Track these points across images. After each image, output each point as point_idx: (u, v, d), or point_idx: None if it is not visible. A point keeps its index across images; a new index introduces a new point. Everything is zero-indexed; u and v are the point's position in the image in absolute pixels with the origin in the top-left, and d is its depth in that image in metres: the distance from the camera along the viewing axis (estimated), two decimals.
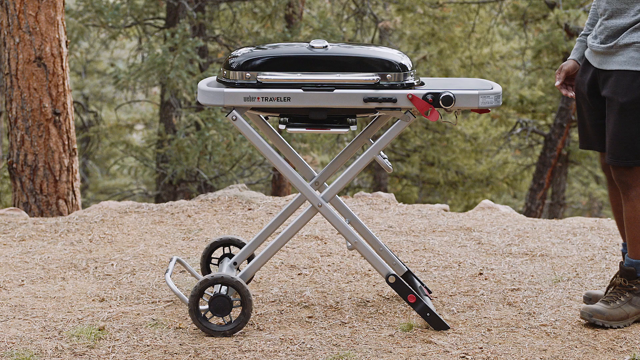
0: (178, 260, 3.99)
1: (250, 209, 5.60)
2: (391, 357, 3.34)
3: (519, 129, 15.72)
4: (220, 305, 3.52)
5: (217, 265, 4.11)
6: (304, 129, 3.58)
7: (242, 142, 11.54)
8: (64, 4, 6.17)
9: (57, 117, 6.13)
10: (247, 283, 3.71)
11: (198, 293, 3.51)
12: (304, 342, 3.46)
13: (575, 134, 15.46)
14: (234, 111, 3.55)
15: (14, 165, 6.16)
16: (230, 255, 4.10)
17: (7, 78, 6.14)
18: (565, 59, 14.58)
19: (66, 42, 6.19)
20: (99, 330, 3.55)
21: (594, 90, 3.73)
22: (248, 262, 4.10)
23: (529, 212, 14.06)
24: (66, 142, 6.19)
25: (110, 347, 3.40)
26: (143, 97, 18.24)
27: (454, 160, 15.72)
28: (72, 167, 6.23)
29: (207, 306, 3.53)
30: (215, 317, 3.59)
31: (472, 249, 4.82)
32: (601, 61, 3.68)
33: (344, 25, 14.44)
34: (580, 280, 4.28)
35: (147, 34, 13.02)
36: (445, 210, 5.79)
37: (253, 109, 3.56)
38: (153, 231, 5.11)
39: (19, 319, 3.69)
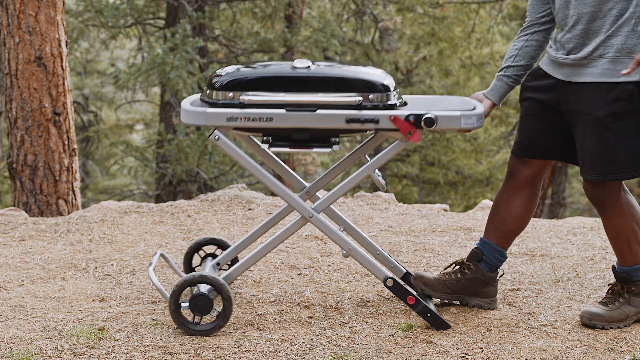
0: (162, 255, 3.99)
1: (250, 209, 5.60)
2: (391, 357, 3.34)
3: None
4: (200, 304, 3.51)
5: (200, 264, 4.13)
6: (287, 149, 3.58)
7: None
8: (64, 4, 6.17)
9: (57, 117, 6.13)
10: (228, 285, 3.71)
11: (179, 290, 3.51)
12: (304, 342, 3.46)
13: None
14: (216, 131, 3.56)
15: (14, 165, 6.16)
16: (214, 256, 4.11)
17: (7, 78, 6.14)
18: None
19: (66, 42, 6.19)
20: (99, 330, 3.55)
21: (548, 99, 3.63)
22: (230, 264, 4.12)
23: None
24: (66, 142, 6.19)
25: (110, 347, 3.40)
26: (143, 97, 18.24)
27: (454, 160, 15.72)
28: (72, 167, 6.23)
29: (187, 304, 3.53)
30: (194, 315, 3.58)
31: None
32: (569, 73, 3.56)
33: (344, 25, 14.44)
34: (580, 280, 4.28)
35: (147, 34, 13.02)
36: (445, 210, 5.79)
37: (236, 128, 3.57)
38: (153, 231, 5.11)
39: (19, 319, 3.69)
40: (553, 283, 4.23)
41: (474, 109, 3.61)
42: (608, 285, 3.84)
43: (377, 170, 3.69)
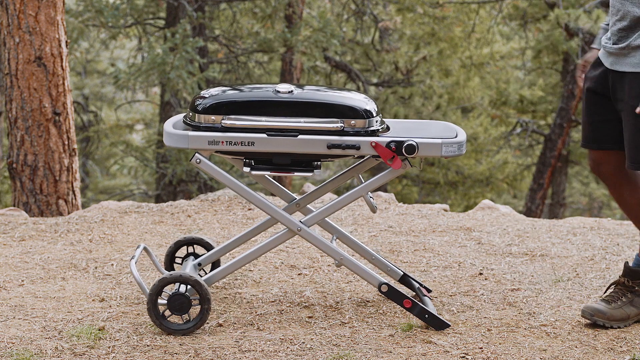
0: (145, 249, 3.98)
1: (250, 209, 5.60)
2: (391, 357, 3.34)
3: (519, 129, 15.71)
4: (178, 304, 3.51)
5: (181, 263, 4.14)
6: (269, 172, 3.58)
7: None
8: (64, 4, 6.17)
9: (57, 117, 6.13)
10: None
11: (152, 304, 3.50)
12: (304, 342, 3.46)
13: (575, 134, 15.45)
14: (197, 154, 3.55)
15: (14, 165, 6.16)
16: (195, 255, 4.11)
17: (7, 78, 6.14)
18: (565, 59, 14.60)
19: (66, 42, 6.19)
20: (99, 330, 3.55)
21: (600, 87, 3.66)
22: (212, 267, 4.11)
23: (529, 212, 14.06)
24: (66, 142, 6.19)
25: (110, 347, 3.40)
26: (143, 97, 18.25)
27: (453, 160, 15.71)
28: (72, 167, 6.23)
29: (167, 310, 3.53)
30: (181, 316, 3.58)
31: (472, 249, 4.82)
32: (613, 62, 3.60)
33: (344, 25, 14.44)
34: (580, 280, 4.28)
35: (147, 34, 13.02)
36: (445, 210, 5.79)
37: (218, 151, 3.56)
38: (153, 231, 5.11)
39: (19, 319, 3.69)
40: (553, 283, 4.23)
41: (456, 136, 3.61)
42: (611, 285, 3.83)
43: (369, 192, 3.69)
